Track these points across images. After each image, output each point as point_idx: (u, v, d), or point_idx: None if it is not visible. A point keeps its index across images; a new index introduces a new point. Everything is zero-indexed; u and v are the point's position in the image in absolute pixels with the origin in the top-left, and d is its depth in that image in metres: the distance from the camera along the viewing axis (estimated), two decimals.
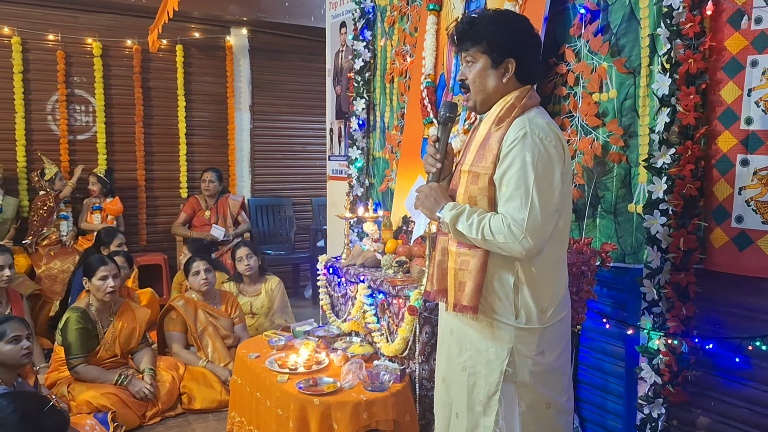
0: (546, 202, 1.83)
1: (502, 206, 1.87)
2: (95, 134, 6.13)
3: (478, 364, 2.00)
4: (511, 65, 1.96)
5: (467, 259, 1.95)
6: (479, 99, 2.01)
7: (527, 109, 1.94)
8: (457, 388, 2.07)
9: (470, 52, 1.98)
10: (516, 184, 1.83)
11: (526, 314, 1.94)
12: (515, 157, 1.84)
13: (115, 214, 5.75)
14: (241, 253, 4.58)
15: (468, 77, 2.01)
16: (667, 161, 2.40)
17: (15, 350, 2.78)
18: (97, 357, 3.71)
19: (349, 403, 2.68)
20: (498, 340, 1.96)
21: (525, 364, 1.95)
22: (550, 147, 1.86)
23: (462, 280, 1.96)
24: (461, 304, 1.95)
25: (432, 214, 2.00)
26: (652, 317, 2.49)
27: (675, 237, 2.39)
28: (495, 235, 1.84)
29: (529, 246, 1.81)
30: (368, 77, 4.34)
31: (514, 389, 1.96)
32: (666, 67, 2.39)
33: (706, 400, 2.44)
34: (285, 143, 7.11)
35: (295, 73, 7.02)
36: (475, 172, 1.93)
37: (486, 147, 1.93)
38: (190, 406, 3.80)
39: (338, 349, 3.16)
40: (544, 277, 1.96)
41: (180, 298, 4.14)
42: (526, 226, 1.80)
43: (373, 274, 3.25)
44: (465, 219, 1.90)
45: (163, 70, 6.39)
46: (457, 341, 2.06)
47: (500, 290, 1.95)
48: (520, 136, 1.85)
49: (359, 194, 4.35)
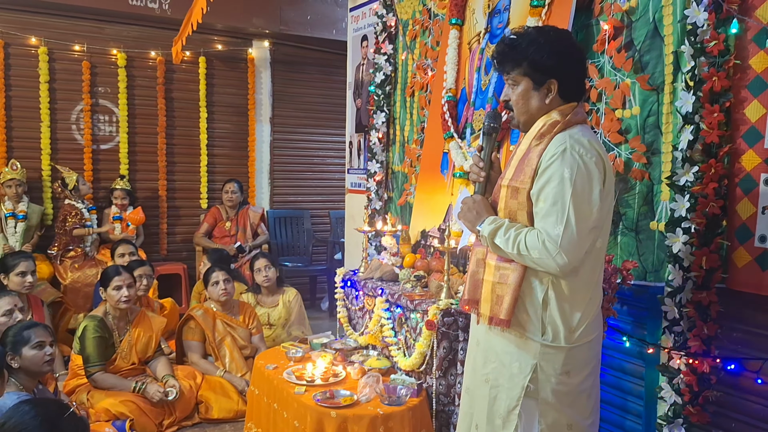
0: (583, 219, 1.82)
1: (539, 222, 1.86)
2: (118, 144, 6.20)
3: (501, 377, 1.99)
4: (553, 86, 1.95)
5: (507, 273, 1.94)
6: (522, 120, 2.03)
7: (571, 125, 1.92)
8: (478, 400, 2.07)
9: (511, 75, 1.99)
10: (553, 199, 1.83)
11: (553, 332, 1.93)
12: (554, 172, 1.84)
13: (136, 223, 5.81)
14: (260, 264, 4.60)
15: (511, 98, 2.01)
16: (690, 179, 2.37)
17: (38, 356, 2.81)
18: (114, 365, 3.74)
19: (366, 416, 2.68)
20: (523, 355, 1.95)
21: (548, 381, 1.94)
22: (590, 163, 1.84)
23: (500, 294, 1.95)
24: (498, 318, 1.95)
25: (473, 227, 2.01)
26: (673, 336, 2.45)
27: (697, 256, 2.36)
28: (530, 250, 1.84)
29: (563, 262, 1.80)
30: (389, 91, 4.36)
31: (535, 405, 1.95)
32: (690, 84, 2.36)
33: (726, 421, 2.39)
34: (304, 155, 7.15)
35: (315, 86, 7.06)
36: (515, 187, 1.93)
37: (525, 162, 1.93)
38: (207, 415, 3.81)
39: (355, 362, 3.17)
40: (576, 295, 1.94)
41: (199, 308, 4.17)
42: (561, 243, 1.80)
43: (391, 288, 3.25)
44: (503, 233, 1.90)
45: (186, 81, 6.46)
46: (483, 353, 2.06)
47: (529, 306, 1.94)
48: (559, 152, 1.84)
49: (377, 208, 4.35)
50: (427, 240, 3.58)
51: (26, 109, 5.82)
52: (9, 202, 5.36)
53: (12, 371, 2.75)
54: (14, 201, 5.36)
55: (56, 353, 4.00)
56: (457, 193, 3.46)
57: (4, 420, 2.06)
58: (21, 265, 4.02)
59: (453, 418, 2.83)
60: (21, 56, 5.79)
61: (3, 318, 3.36)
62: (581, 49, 2.14)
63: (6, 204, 5.35)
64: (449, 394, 2.87)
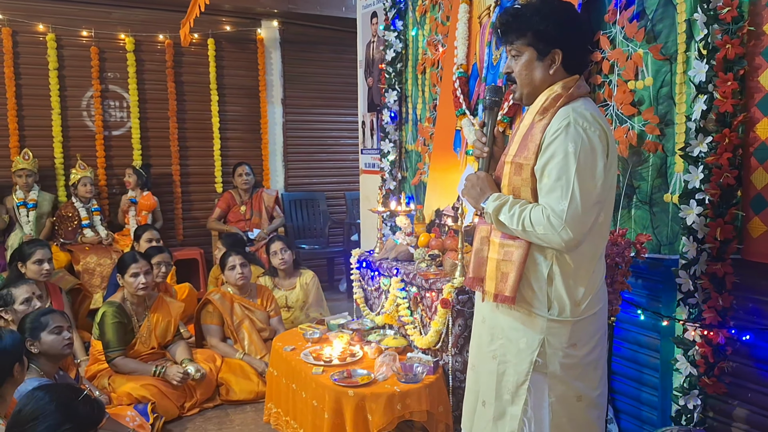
0: (587, 193, 1.81)
1: (543, 197, 1.86)
2: (130, 130, 6.21)
3: (508, 353, 2.00)
4: (557, 56, 1.94)
5: (511, 250, 1.94)
6: (526, 92, 2.00)
7: (573, 98, 1.91)
8: (486, 376, 2.07)
9: (515, 45, 1.97)
10: (557, 175, 1.82)
11: (559, 306, 1.93)
12: (557, 147, 1.83)
13: (147, 209, 5.81)
14: (276, 247, 4.62)
15: (514, 70, 1.99)
16: (704, 150, 2.35)
17: (57, 340, 2.85)
18: (134, 350, 3.78)
19: (383, 394, 2.70)
20: (529, 331, 1.96)
21: (556, 355, 1.95)
22: (594, 138, 1.83)
23: (505, 271, 1.95)
24: (503, 295, 1.95)
25: (476, 204, 2.00)
26: (687, 308, 2.45)
27: (711, 227, 2.34)
28: (535, 226, 1.83)
29: (568, 237, 1.80)
30: (400, 68, 4.32)
31: (543, 380, 1.96)
32: (703, 53, 2.33)
33: (742, 392, 2.39)
34: (317, 137, 7.11)
35: (326, 65, 7.01)
36: (518, 163, 1.92)
37: (529, 137, 1.91)
38: (228, 397, 3.85)
39: (372, 342, 3.18)
40: (580, 269, 1.94)
41: (216, 292, 4.20)
42: (566, 218, 1.79)
43: (406, 267, 3.26)
44: (507, 210, 1.89)
45: (195, 64, 6.44)
46: (489, 330, 2.06)
47: (534, 282, 1.94)
48: (563, 127, 1.83)
49: (392, 188, 4.34)
50: (442, 219, 3.57)
51: (37, 97, 5.84)
52: (20, 192, 5.40)
53: (32, 357, 2.79)
54: (25, 190, 5.41)
55: (76, 339, 4.08)
56: None
57: (20, 407, 2.10)
58: (38, 253, 4.06)
59: None
60: (29, 44, 5.79)
61: (21, 306, 3.40)
62: (586, 21, 2.14)
63: (18, 194, 5.40)
64: (465, 370, 2.86)
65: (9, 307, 3.40)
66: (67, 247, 5.42)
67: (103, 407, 2.28)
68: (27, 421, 2.05)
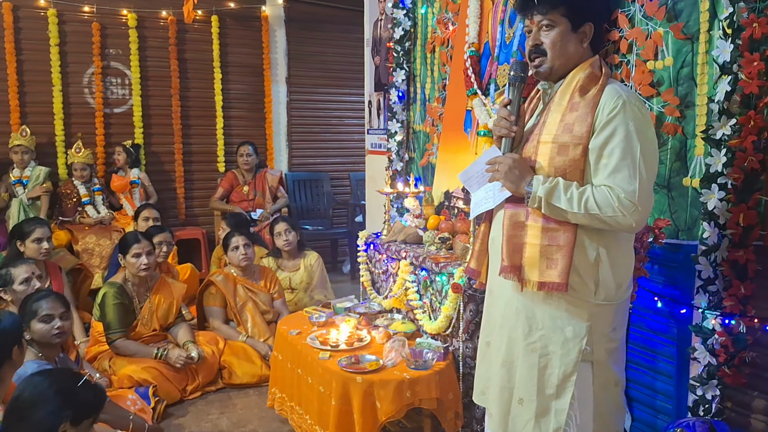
0: (651, 172, 1.82)
1: (607, 178, 1.80)
2: (131, 107, 6.11)
3: (551, 344, 1.92)
4: (589, 29, 1.92)
5: (557, 234, 1.87)
6: (558, 64, 1.94)
7: (609, 77, 1.89)
8: (523, 371, 1.97)
9: (548, 16, 1.91)
10: (622, 154, 1.77)
11: (605, 290, 1.90)
12: (617, 126, 1.79)
13: (119, 190, 5.66)
14: (280, 228, 4.54)
15: (545, 42, 1.93)
16: (727, 132, 2.25)
17: (45, 329, 2.76)
18: (135, 332, 3.73)
19: (392, 381, 2.64)
20: (575, 318, 1.90)
21: (601, 341, 1.92)
22: (647, 116, 1.85)
23: (553, 257, 1.87)
24: (552, 282, 1.86)
25: (518, 189, 1.90)
26: (707, 296, 2.37)
27: (734, 212, 2.26)
28: (602, 209, 1.77)
29: (639, 218, 1.78)
30: (408, 47, 4.21)
31: (589, 368, 1.92)
32: (727, 32, 2.23)
33: (763, 383, 2.31)
34: (322, 116, 7.02)
35: (331, 44, 6.90)
36: (563, 143, 1.85)
37: (574, 116, 1.85)
38: (231, 380, 3.81)
39: (380, 326, 3.11)
40: (624, 251, 1.93)
41: (219, 273, 4.13)
42: (638, 198, 1.76)
43: (415, 250, 3.18)
44: (562, 193, 1.82)
45: (198, 41, 6.33)
46: (526, 321, 1.97)
47: (580, 266, 1.88)
48: (619, 105, 1.79)
49: (399, 169, 4.25)
50: (451, 201, 3.48)
51: (38, 72, 5.73)
52: (17, 170, 5.32)
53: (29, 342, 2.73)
54: (20, 167, 5.32)
55: (76, 320, 4.02)
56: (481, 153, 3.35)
57: (19, 392, 2.04)
58: (36, 231, 3.98)
59: None
60: (30, 19, 5.67)
61: (21, 286, 3.32)
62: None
63: (14, 172, 5.31)
64: (475, 357, 2.80)
65: (8, 287, 3.33)
66: (66, 226, 5.34)
67: (103, 392, 2.23)
68: (26, 407, 2.00)
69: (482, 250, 2.17)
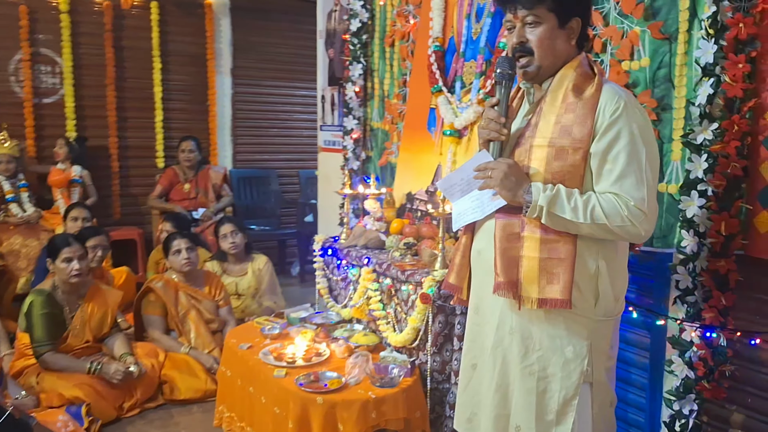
0: (655, 178, 1.71)
1: (613, 185, 1.66)
2: (63, 98, 5.70)
3: (550, 366, 1.77)
4: (577, 25, 1.77)
5: (557, 246, 1.71)
6: (546, 64, 1.78)
7: (602, 75, 1.76)
8: (520, 397, 1.81)
9: (534, 11, 1.74)
10: (628, 159, 1.65)
11: (605, 304, 1.77)
12: (621, 129, 1.66)
13: (57, 185, 5.27)
14: (226, 230, 4.25)
15: (530, 39, 1.76)
16: (709, 137, 2.15)
17: None
18: (66, 344, 3.40)
19: (357, 401, 2.43)
20: (575, 337, 1.75)
21: (600, 360, 1.80)
22: (647, 118, 1.72)
23: (554, 271, 1.71)
24: (554, 299, 1.70)
25: (515, 197, 1.72)
26: (685, 307, 2.27)
27: (715, 221, 2.16)
28: (610, 218, 1.63)
29: (649, 227, 1.67)
30: (365, 40, 4.00)
31: (588, 390, 1.78)
32: (710, 32, 2.12)
33: (741, 396, 2.24)
34: (270, 110, 6.73)
35: (280, 35, 6.63)
36: (562, 147, 1.70)
37: (571, 118, 1.70)
38: (172, 396, 3.51)
39: (339, 339, 2.89)
40: (621, 262, 1.83)
41: (159, 279, 3.82)
42: (647, 206, 1.64)
43: (378, 256, 2.98)
44: (565, 202, 1.66)
45: (136, 28, 5.96)
46: (521, 342, 1.80)
47: (581, 279, 1.73)
48: (621, 106, 1.66)
49: (355, 168, 4.04)
50: (414, 203, 3.29)
51: None
52: None
53: None
54: None
55: None
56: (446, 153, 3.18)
57: None
58: None
59: (448, 396, 2.61)
60: None
61: None
62: None
63: None
64: (444, 371, 2.64)
65: None
66: None
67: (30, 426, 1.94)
68: None
69: (464, 263, 1.98)
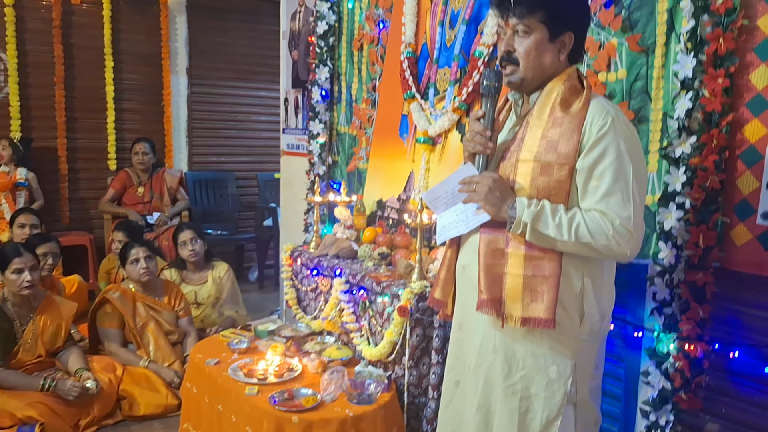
0: (643, 196, 1.69)
1: (598, 202, 1.62)
2: (7, 96, 5.42)
3: (533, 386, 1.73)
4: (569, 40, 1.72)
5: (542, 263, 1.66)
6: (531, 75, 1.73)
7: (591, 90, 1.71)
8: (503, 417, 1.77)
9: (525, 21, 1.70)
10: (614, 176, 1.60)
11: (590, 323, 1.73)
12: (608, 145, 1.61)
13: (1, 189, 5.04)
14: (185, 236, 4.10)
15: (518, 50, 1.72)
16: (687, 151, 2.17)
17: None
18: (17, 359, 3.21)
19: (334, 420, 2.34)
20: (559, 356, 1.71)
21: (585, 380, 1.76)
22: (636, 134, 1.67)
23: (538, 289, 1.66)
24: (538, 318, 1.66)
25: (499, 213, 1.68)
26: (662, 318, 2.27)
27: (693, 233, 2.17)
28: (594, 237, 1.59)
29: (635, 246, 1.62)
30: (332, 43, 3.91)
31: (572, 411, 1.74)
32: (689, 46, 2.13)
33: (716, 405, 2.26)
34: (227, 111, 6.55)
35: (239, 35, 6.47)
36: (547, 163, 1.65)
37: (558, 133, 1.66)
38: (131, 412, 3.36)
39: (311, 353, 2.79)
40: (608, 279, 1.78)
41: (116, 290, 3.65)
42: (633, 225, 1.60)
43: (351, 266, 2.89)
44: (550, 218, 1.61)
45: (87, 26, 5.71)
46: (504, 360, 1.76)
47: (566, 298, 1.68)
48: (608, 122, 1.62)
49: (321, 173, 3.94)
50: (385, 211, 3.23)
51: None
52: None
53: None
54: None
55: None
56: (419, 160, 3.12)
57: None
58: None
59: (425, 411, 2.55)
60: None
61: None
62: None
63: None
64: (420, 385, 2.58)
65: None
66: None
67: None
68: None
69: (448, 278, 1.94)
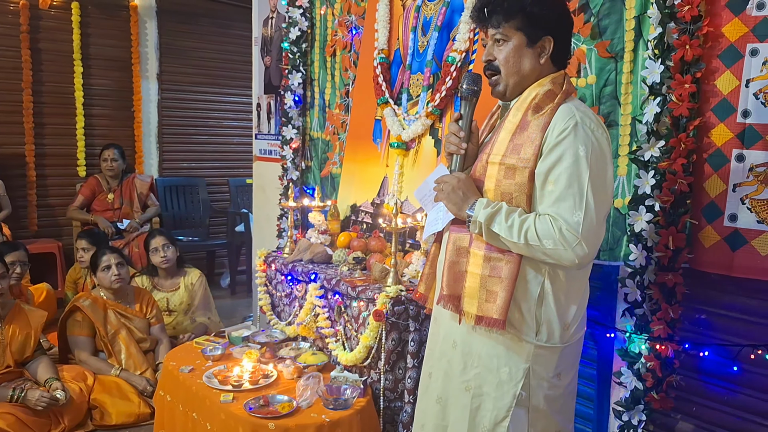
0: (601, 203, 1.62)
1: (551, 206, 1.62)
2: None
3: (485, 385, 1.75)
4: (548, 44, 1.73)
5: (500, 265, 1.67)
6: (512, 82, 1.75)
7: (569, 95, 1.71)
8: (456, 411, 1.80)
9: (501, 29, 1.72)
10: (568, 181, 1.59)
11: (548, 330, 1.72)
12: (566, 150, 1.61)
13: None
14: (157, 243, 4.05)
15: (497, 58, 1.75)
16: (656, 154, 2.23)
17: None
18: None
19: (311, 425, 2.33)
20: (513, 359, 1.72)
21: (541, 386, 1.74)
22: (602, 141, 1.64)
23: (492, 289, 1.68)
24: (489, 318, 1.68)
25: (459, 211, 1.71)
26: (634, 319, 2.32)
27: (663, 235, 2.23)
28: (542, 240, 1.59)
29: (582, 253, 1.59)
30: (305, 48, 3.91)
31: (525, 415, 1.74)
32: (656, 53, 2.20)
33: (687, 405, 2.32)
34: (198, 117, 6.51)
35: (210, 40, 6.44)
36: (511, 165, 1.67)
37: (524, 136, 1.67)
38: (103, 421, 3.30)
39: (286, 358, 2.78)
40: (573, 288, 1.74)
41: (86, 297, 3.58)
42: (582, 231, 1.58)
43: (325, 271, 2.89)
44: (503, 219, 1.63)
45: (56, 30, 5.63)
46: (462, 356, 1.79)
47: (522, 302, 1.70)
48: (570, 127, 1.61)
49: (294, 178, 3.93)
50: (359, 215, 3.23)
51: None
52: None
53: None
54: None
55: None
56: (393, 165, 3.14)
57: None
58: None
59: (401, 415, 2.56)
60: None
61: None
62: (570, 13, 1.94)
63: None
64: (396, 389, 2.59)
65: None
66: None
67: None
68: None
69: (431, 273, 1.98)
